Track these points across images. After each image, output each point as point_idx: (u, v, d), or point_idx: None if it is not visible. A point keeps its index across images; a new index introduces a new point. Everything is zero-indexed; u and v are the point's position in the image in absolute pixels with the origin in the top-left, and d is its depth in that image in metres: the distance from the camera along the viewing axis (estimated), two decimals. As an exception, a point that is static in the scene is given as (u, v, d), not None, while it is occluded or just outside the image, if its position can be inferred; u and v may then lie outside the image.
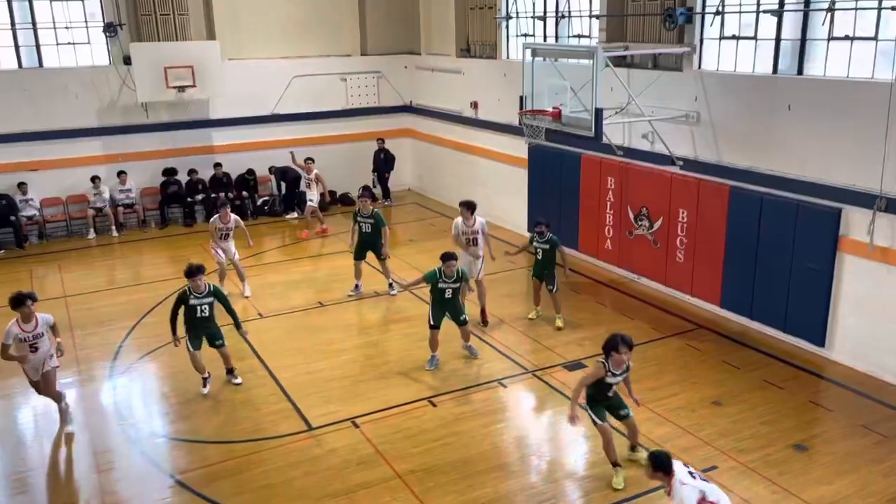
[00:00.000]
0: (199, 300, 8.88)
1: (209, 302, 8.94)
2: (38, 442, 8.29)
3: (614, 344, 6.98)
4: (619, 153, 12.10)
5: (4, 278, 13.46)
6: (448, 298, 9.52)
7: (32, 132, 15.47)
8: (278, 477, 7.40)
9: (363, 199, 12.16)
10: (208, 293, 8.95)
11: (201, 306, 8.90)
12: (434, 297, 9.56)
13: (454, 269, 9.41)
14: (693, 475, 5.40)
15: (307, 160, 15.87)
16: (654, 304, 11.74)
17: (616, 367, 7.08)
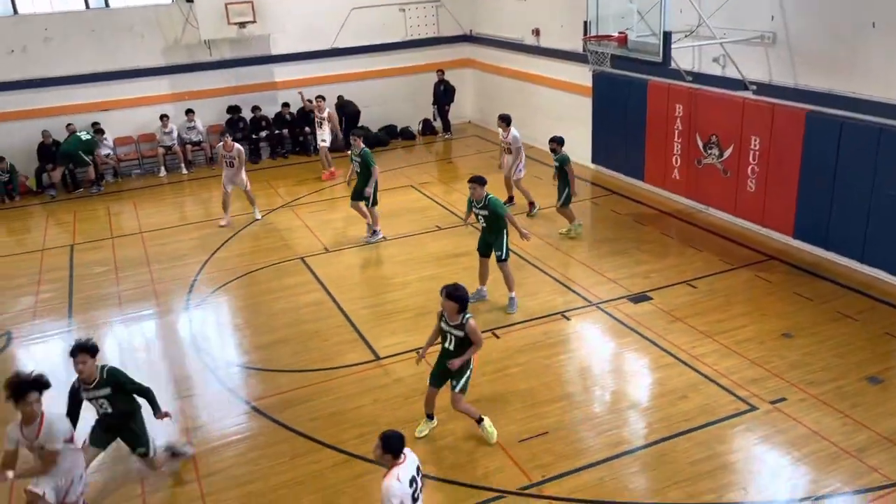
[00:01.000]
0: (91, 393, 6.24)
1: (106, 395, 6.22)
2: (123, 369, 8.74)
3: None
4: (689, 79, 11.64)
5: (85, 215, 14.09)
6: (483, 227, 9.30)
7: (102, 73, 15.85)
8: (348, 404, 7.67)
9: (354, 138, 11.71)
10: (101, 383, 6.17)
11: (98, 401, 6.28)
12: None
13: (478, 193, 9.00)
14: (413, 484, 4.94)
15: (318, 98, 15.44)
16: (722, 234, 11.46)
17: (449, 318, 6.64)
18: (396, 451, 4.95)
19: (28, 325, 9.78)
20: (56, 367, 8.82)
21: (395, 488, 4.81)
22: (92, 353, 6.10)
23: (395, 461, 4.94)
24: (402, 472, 4.90)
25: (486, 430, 6.94)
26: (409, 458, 5.03)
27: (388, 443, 4.93)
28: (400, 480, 4.85)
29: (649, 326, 8.83)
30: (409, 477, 4.92)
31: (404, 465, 4.95)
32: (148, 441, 6.47)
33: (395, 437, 4.98)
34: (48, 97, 15.54)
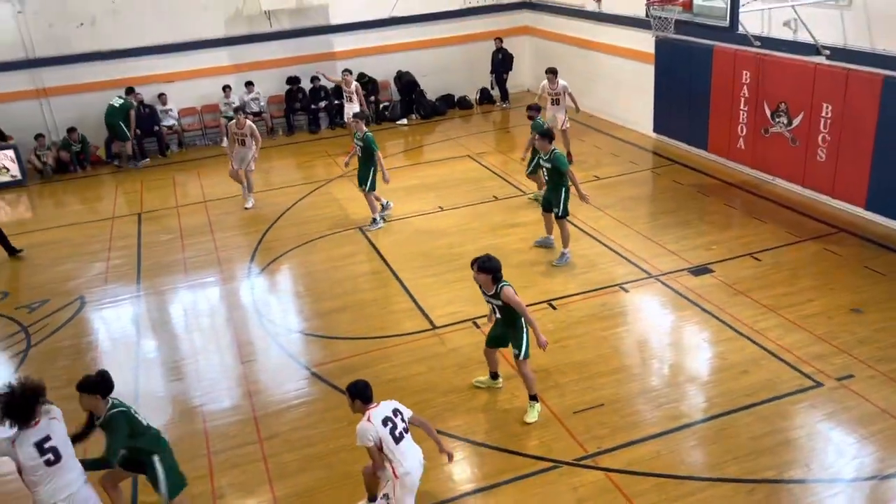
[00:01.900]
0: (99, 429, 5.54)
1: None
2: (189, 334, 9.08)
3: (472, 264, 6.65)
4: (757, 44, 11.20)
5: (152, 184, 14.53)
6: (546, 180, 9.72)
7: (167, 44, 16.17)
8: (405, 371, 7.78)
9: (356, 121, 11.37)
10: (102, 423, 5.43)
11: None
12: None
13: (545, 147, 9.40)
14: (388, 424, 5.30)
15: (345, 72, 15.16)
16: (789, 206, 11.09)
17: (486, 289, 6.68)
18: (364, 397, 5.41)
19: (100, 290, 10.19)
20: (126, 331, 9.23)
21: (366, 428, 5.28)
22: (89, 391, 5.38)
23: (366, 406, 5.40)
24: (374, 414, 5.34)
25: (532, 409, 6.90)
26: (384, 404, 5.46)
27: (353, 389, 5.43)
28: (371, 421, 5.30)
29: (710, 299, 8.65)
30: (383, 417, 5.34)
31: (377, 408, 5.40)
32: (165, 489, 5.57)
33: (359, 383, 5.46)
34: (116, 69, 15.95)
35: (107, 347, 8.90)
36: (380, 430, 5.28)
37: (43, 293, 10.15)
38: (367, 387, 5.44)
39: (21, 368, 8.37)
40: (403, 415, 5.48)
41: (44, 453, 4.85)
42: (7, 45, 15.18)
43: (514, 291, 6.60)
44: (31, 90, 15.65)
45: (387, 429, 5.30)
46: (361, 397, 5.41)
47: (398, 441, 5.33)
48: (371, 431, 5.27)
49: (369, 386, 5.45)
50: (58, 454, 4.90)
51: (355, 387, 5.44)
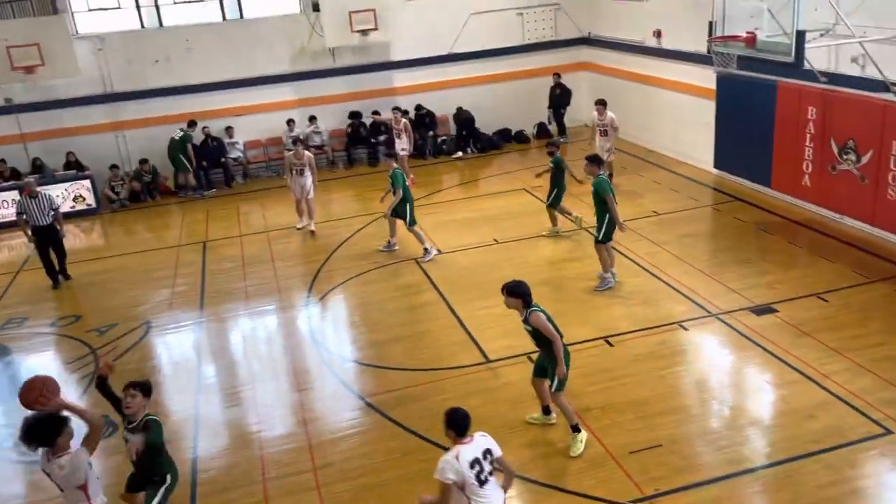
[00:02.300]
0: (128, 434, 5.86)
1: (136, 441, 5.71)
2: (247, 361, 9.27)
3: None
4: (823, 80, 10.98)
5: (217, 214, 15.00)
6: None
7: (236, 80, 16.82)
8: (458, 404, 7.66)
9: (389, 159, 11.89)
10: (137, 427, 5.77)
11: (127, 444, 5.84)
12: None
13: (592, 170, 9.73)
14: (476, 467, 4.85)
15: (394, 110, 15.63)
16: (858, 245, 10.73)
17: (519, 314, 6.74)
18: (459, 429, 4.97)
19: (165, 316, 10.52)
20: (188, 356, 9.48)
21: (451, 465, 4.83)
22: (144, 392, 5.83)
23: (459, 439, 4.96)
24: (464, 452, 4.89)
25: (576, 441, 6.80)
26: (478, 441, 4.98)
27: (450, 419, 4.99)
28: (458, 459, 4.84)
29: (774, 340, 8.40)
30: (472, 458, 4.88)
31: (469, 445, 4.93)
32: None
33: (458, 413, 4.99)
34: (188, 103, 16.64)
35: (169, 371, 9.16)
36: (466, 473, 4.82)
37: (112, 317, 10.53)
38: (465, 418, 4.99)
39: (89, 390, 8.66)
40: (493, 454, 5.01)
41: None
42: (88, 80, 16.01)
43: (547, 318, 6.57)
44: (108, 123, 16.47)
45: (473, 472, 4.85)
46: (456, 429, 4.97)
47: (482, 484, 4.89)
48: (454, 469, 4.82)
49: (468, 417, 4.99)
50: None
51: (454, 416, 4.99)
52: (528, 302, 6.58)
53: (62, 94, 16.06)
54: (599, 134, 13.78)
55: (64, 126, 16.23)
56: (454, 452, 4.90)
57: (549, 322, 6.60)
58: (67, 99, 16.11)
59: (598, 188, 9.55)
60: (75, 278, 12.07)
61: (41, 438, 4.98)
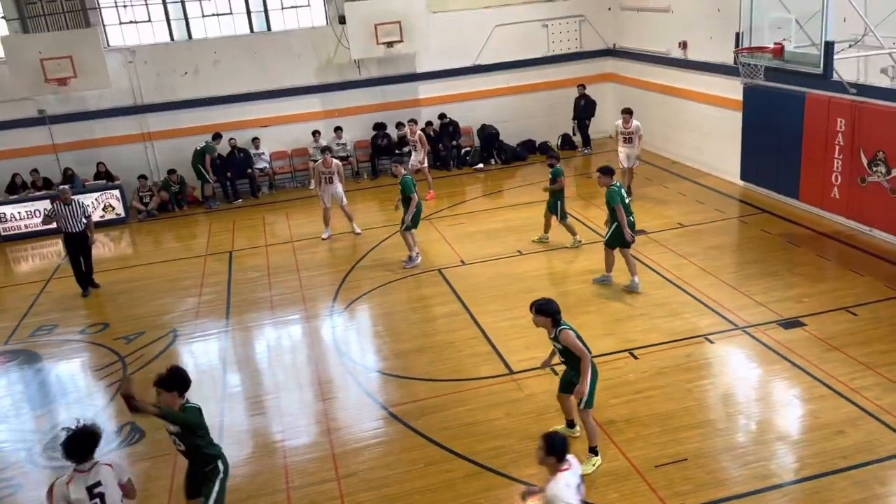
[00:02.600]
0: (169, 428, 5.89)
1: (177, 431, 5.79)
2: (272, 370, 9.34)
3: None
4: (853, 91, 10.87)
5: (243, 224, 15.16)
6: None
7: (262, 91, 17.04)
8: (481, 416, 7.75)
9: (394, 165, 11.93)
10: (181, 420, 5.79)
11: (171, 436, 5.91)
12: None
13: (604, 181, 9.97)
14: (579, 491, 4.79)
15: (410, 121, 15.67)
16: (888, 258, 10.56)
17: (548, 332, 6.69)
18: (561, 455, 4.81)
19: (191, 324, 10.64)
20: (213, 364, 9.57)
21: (565, 495, 4.67)
22: (163, 386, 5.73)
23: (560, 466, 4.80)
24: (570, 479, 4.77)
25: (588, 464, 6.68)
26: (574, 465, 4.89)
27: (552, 445, 4.83)
28: (569, 486, 4.72)
29: (802, 354, 8.28)
30: (576, 483, 4.79)
31: (570, 471, 4.81)
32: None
33: (559, 439, 4.85)
34: (215, 114, 16.89)
35: (195, 379, 9.17)
36: (573, 500, 4.70)
37: (140, 325, 10.68)
38: (564, 441, 4.87)
39: (117, 397, 8.78)
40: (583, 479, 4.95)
41: (92, 498, 5.06)
42: (119, 92, 16.32)
43: (576, 336, 6.52)
44: (137, 134, 16.76)
45: (578, 498, 4.76)
46: (558, 455, 4.82)
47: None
48: (568, 499, 4.68)
49: (567, 441, 4.90)
50: (103, 500, 5.08)
51: (554, 441, 4.84)
52: (557, 320, 6.54)
53: (93, 106, 16.38)
54: (623, 141, 13.82)
55: (94, 137, 16.53)
56: (562, 481, 4.75)
57: (579, 339, 6.56)
58: (98, 110, 16.42)
59: (609, 198, 9.84)
60: (104, 286, 12.25)
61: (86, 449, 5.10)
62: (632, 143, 13.72)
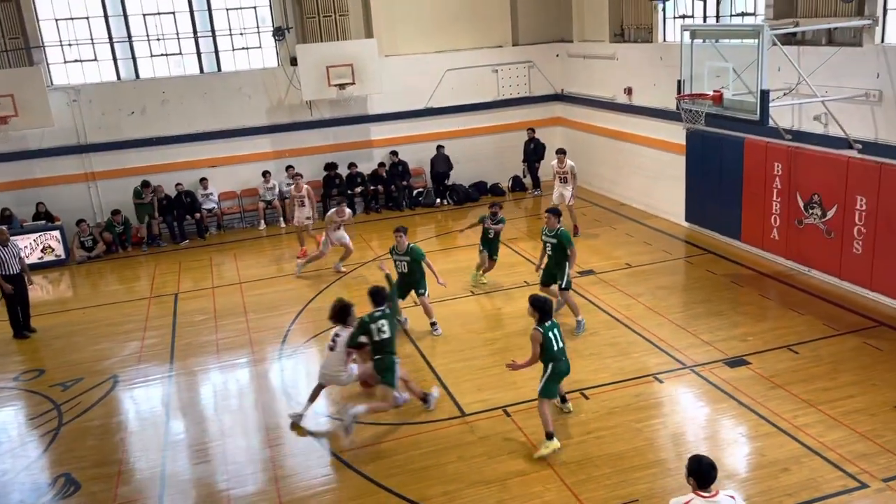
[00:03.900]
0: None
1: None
2: (217, 416, 9.06)
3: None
4: (788, 137, 11.32)
5: (190, 265, 14.85)
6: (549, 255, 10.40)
7: (212, 132, 16.89)
8: (433, 460, 7.63)
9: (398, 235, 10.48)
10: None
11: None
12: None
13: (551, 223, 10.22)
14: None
15: (296, 175, 14.91)
16: (826, 298, 10.90)
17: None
18: (701, 480, 4.67)
19: (133, 370, 10.28)
20: (156, 411, 9.25)
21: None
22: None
23: (699, 491, 4.67)
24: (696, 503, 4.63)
25: (545, 447, 7.43)
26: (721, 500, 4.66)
27: (694, 466, 4.72)
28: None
29: (747, 392, 8.43)
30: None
31: (706, 499, 4.65)
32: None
33: (703, 462, 4.68)
34: (162, 154, 16.65)
35: (135, 427, 8.91)
36: None
37: (78, 371, 10.28)
38: (711, 468, 4.67)
39: (51, 447, 8.39)
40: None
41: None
42: (62, 131, 15.98)
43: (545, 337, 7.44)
44: (80, 174, 16.38)
45: None
46: (698, 478, 4.66)
47: None
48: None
49: (714, 469, 4.69)
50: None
51: (699, 464, 4.70)
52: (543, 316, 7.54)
53: (34, 145, 15.98)
54: (559, 181, 14.27)
55: (35, 176, 16.09)
56: (686, 499, 4.65)
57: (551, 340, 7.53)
58: (40, 149, 16.01)
59: (562, 239, 10.11)
60: (40, 331, 11.80)
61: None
62: (567, 182, 14.17)
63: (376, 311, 8.17)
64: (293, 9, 16.86)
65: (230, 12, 16.85)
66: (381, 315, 8.15)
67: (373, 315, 8.13)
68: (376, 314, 8.14)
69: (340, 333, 8.36)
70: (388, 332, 8.11)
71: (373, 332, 8.10)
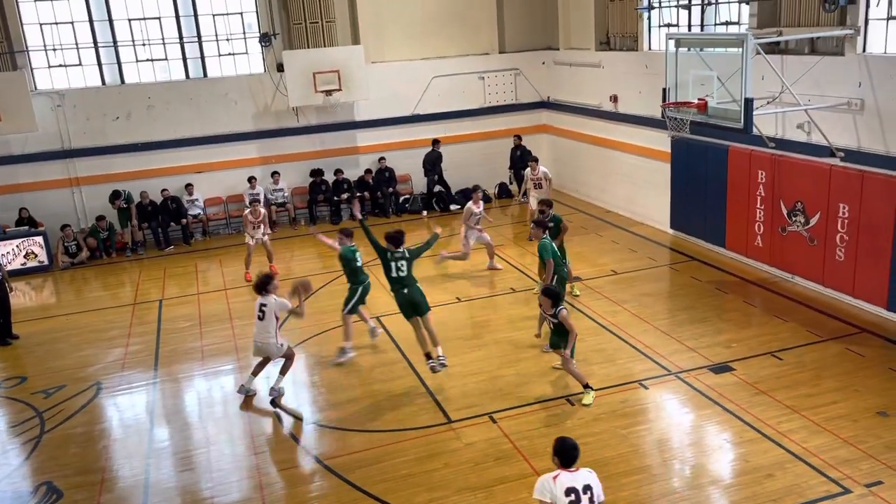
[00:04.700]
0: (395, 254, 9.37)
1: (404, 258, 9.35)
2: (202, 423, 9.00)
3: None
4: (772, 145, 11.43)
5: (175, 272, 14.75)
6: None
7: (197, 137, 16.81)
8: (419, 467, 7.61)
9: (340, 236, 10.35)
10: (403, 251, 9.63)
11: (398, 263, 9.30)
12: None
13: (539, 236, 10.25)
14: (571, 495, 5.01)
15: (253, 202, 14.25)
16: (809, 305, 11.00)
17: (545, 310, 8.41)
18: (563, 459, 5.13)
19: (116, 377, 10.19)
20: (139, 418, 9.17)
21: (546, 484, 5.01)
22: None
23: (563, 468, 5.11)
24: (563, 477, 5.05)
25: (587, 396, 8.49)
26: (582, 475, 5.10)
27: (558, 446, 5.18)
28: (555, 480, 5.02)
29: (732, 398, 8.48)
30: (569, 486, 5.00)
31: (571, 474, 5.07)
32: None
33: (567, 443, 5.17)
34: (147, 160, 16.55)
35: (119, 435, 8.83)
36: (559, 497, 4.95)
37: (60, 379, 10.17)
38: (573, 448, 5.17)
39: (33, 455, 8.30)
40: (594, 495, 5.07)
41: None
42: (46, 136, 15.85)
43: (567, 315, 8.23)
44: (64, 179, 16.25)
45: (567, 499, 4.96)
46: (562, 457, 5.14)
47: None
48: (549, 490, 4.97)
49: (577, 449, 5.17)
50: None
51: (563, 444, 5.18)
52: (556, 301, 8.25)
53: (17, 150, 15.85)
54: (534, 187, 14.55)
55: (18, 181, 15.95)
56: (553, 474, 5.07)
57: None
58: (23, 154, 15.88)
59: (540, 250, 10.02)
60: (22, 338, 11.68)
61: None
62: (542, 188, 14.42)
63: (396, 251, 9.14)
64: (280, 15, 16.85)
65: (216, 18, 16.82)
66: (401, 255, 9.17)
67: (394, 254, 9.14)
68: (397, 254, 9.15)
69: (266, 303, 8.91)
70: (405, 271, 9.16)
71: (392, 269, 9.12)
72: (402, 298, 9.24)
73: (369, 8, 17.39)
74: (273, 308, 8.97)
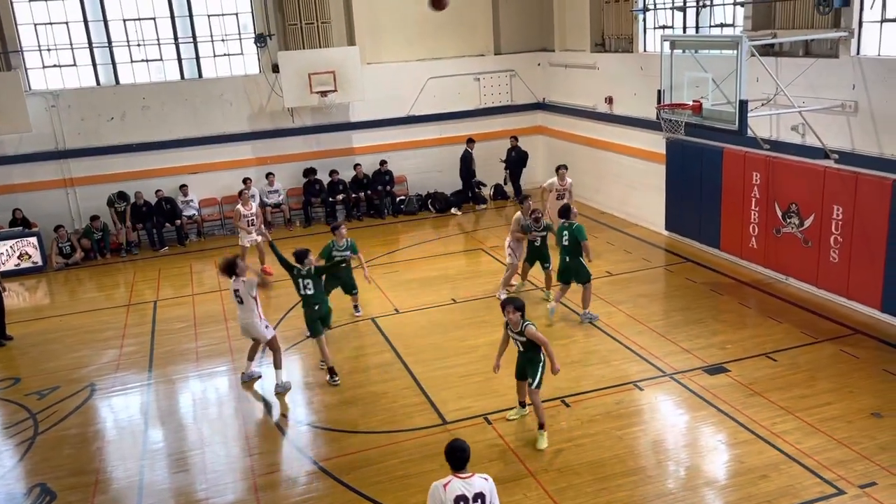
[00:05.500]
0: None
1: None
2: (197, 424, 8.98)
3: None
4: (766, 147, 11.46)
5: (170, 273, 14.72)
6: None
7: (192, 138, 16.78)
8: (414, 468, 7.61)
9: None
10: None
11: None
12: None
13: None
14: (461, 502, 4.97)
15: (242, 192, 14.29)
16: (804, 306, 11.03)
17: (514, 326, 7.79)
18: (453, 462, 5.05)
19: (111, 378, 10.16)
20: (134, 419, 9.14)
21: (436, 491, 4.94)
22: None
23: (455, 472, 5.02)
24: (455, 484, 4.97)
25: (541, 438, 7.77)
26: (476, 481, 5.00)
27: (447, 450, 5.11)
28: (445, 488, 4.95)
29: (726, 399, 8.50)
30: (459, 494, 4.93)
31: (463, 481, 4.99)
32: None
33: (454, 445, 5.12)
34: (142, 160, 16.51)
35: (113, 436, 8.80)
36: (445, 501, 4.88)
37: (54, 380, 10.14)
38: (461, 451, 5.05)
39: (27, 457, 8.26)
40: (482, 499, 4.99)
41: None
42: (40, 136, 15.80)
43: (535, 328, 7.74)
44: (58, 180, 16.20)
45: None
46: (450, 461, 5.05)
47: None
48: (438, 497, 4.89)
49: (465, 451, 5.06)
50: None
51: (450, 447, 5.10)
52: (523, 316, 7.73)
53: (11, 151, 15.79)
54: (557, 197, 13.65)
55: (12, 182, 15.89)
56: (445, 480, 4.99)
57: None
58: (17, 155, 15.83)
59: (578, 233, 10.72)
60: (16, 338, 11.63)
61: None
62: (565, 199, 13.58)
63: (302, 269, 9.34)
64: (275, 16, 16.83)
65: (212, 18, 16.79)
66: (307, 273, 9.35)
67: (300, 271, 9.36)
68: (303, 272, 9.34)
69: (237, 287, 9.18)
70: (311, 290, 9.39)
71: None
72: (311, 314, 9.53)
73: (365, 9, 17.40)
74: (245, 290, 9.19)
